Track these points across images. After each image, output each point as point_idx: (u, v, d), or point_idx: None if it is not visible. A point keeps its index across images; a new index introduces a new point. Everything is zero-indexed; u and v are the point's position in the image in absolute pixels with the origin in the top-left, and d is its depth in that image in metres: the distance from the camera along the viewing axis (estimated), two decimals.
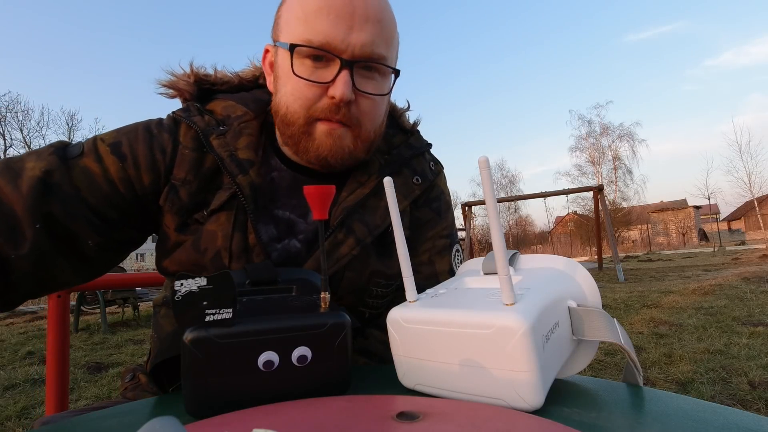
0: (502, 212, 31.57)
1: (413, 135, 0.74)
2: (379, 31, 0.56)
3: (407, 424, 0.29)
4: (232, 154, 0.60)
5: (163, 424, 0.18)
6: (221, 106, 0.65)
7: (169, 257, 0.62)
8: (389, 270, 0.65)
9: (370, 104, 0.59)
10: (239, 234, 0.58)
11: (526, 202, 32.58)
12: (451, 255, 0.72)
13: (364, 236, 0.62)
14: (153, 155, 0.59)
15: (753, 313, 3.80)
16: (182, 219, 0.60)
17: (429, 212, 0.71)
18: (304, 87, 0.56)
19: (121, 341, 4.39)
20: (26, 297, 0.55)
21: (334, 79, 0.55)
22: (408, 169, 0.69)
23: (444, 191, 0.76)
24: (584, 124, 31.99)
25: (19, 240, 0.51)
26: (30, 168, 0.53)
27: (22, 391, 2.79)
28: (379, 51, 0.57)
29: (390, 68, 0.60)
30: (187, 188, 0.59)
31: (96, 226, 0.56)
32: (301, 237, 0.62)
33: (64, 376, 1.09)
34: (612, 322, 0.39)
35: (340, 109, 0.56)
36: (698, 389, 2.15)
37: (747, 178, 27.58)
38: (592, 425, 0.31)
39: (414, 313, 0.39)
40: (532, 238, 38.19)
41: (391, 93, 0.63)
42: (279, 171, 0.64)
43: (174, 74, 0.67)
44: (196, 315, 0.35)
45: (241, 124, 0.63)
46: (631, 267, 11.25)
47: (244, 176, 0.59)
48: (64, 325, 1.11)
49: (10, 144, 20.09)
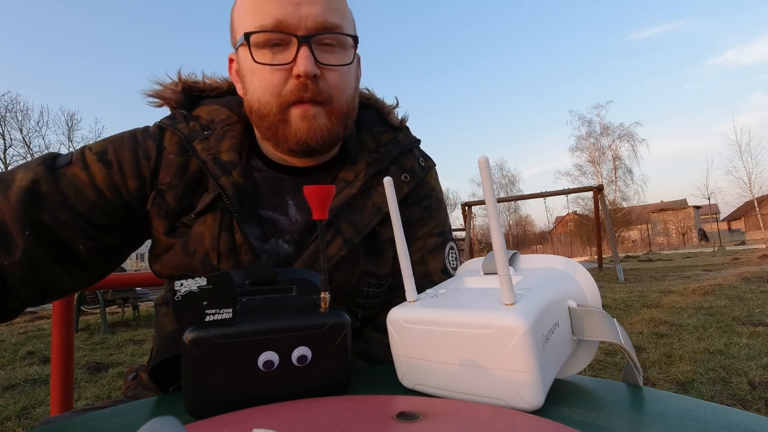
0: (502, 212, 31.58)
1: (401, 132, 0.73)
2: (327, 1, 0.57)
3: (407, 424, 0.29)
4: (215, 157, 0.60)
5: (163, 424, 0.18)
6: (206, 111, 0.67)
7: (159, 261, 0.63)
8: (380, 270, 0.65)
9: (337, 76, 0.58)
10: (226, 234, 0.59)
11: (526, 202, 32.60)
12: (444, 253, 0.71)
13: (351, 236, 0.62)
14: (138, 161, 0.61)
15: (753, 313, 3.80)
16: (170, 223, 0.61)
17: (419, 210, 0.71)
18: (269, 74, 0.56)
19: (121, 341, 4.39)
20: (26, 304, 0.57)
21: (295, 57, 0.55)
22: (396, 167, 0.69)
23: (435, 188, 0.74)
24: (584, 124, 32.07)
25: (11, 247, 0.52)
26: (19, 179, 0.55)
27: (22, 391, 2.79)
28: (332, 20, 0.57)
29: (348, 35, 0.59)
30: (173, 192, 0.60)
31: (86, 231, 0.57)
32: (287, 238, 0.63)
33: (68, 376, 1.09)
34: (612, 322, 0.39)
35: (308, 87, 0.56)
36: (698, 389, 2.15)
37: (747, 178, 27.59)
38: (592, 425, 0.31)
39: (414, 313, 0.39)
40: (532, 238, 38.19)
41: (355, 62, 0.62)
42: (260, 171, 0.65)
43: (161, 83, 0.68)
44: (196, 315, 0.35)
45: (224, 128, 0.64)
46: (631, 267, 11.25)
47: (227, 177, 0.59)
48: (69, 325, 1.12)
49: (9, 144, 20.08)
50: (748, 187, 27.63)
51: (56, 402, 1.07)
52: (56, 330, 1.09)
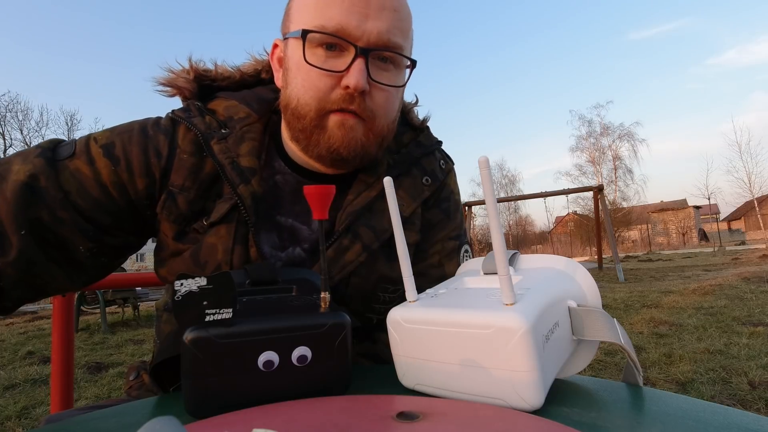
0: (502, 212, 31.56)
1: (423, 132, 0.71)
2: (395, 19, 0.54)
3: (407, 424, 0.29)
4: (234, 161, 0.57)
5: (163, 424, 0.18)
6: (223, 106, 0.62)
7: (167, 266, 0.60)
8: (396, 275, 0.62)
9: (384, 96, 0.56)
10: (240, 247, 0.56)
11: (526, 202, 32.60)
12: (460, 257, 0.70)
13: (371, 242, 0.59)
14: (147, 159, 0.57)
15: (753, 313, 3.80)
16: (180, 227, 0.58)
17: (439, 213, 0.69)
18: (316, 77, 0.54)
19: (121, 341, 4.39)
20: (20, 302, 0.54)
21: (349, 67, 0.52)
22: (417, 169, 0.66)
23: (454, 191, 0.72)
24: (585, 124, 32.13)
25: (4, 247, 0.49)
26: (15, 171, 0.51)
27: (22, 391, 2.79)
28: (395, 40, 0.54)
29: (407, 58, 0.57)
30: (185, 195, 0.57)
31: (87, 231, 0.54)
32: (306, 246, 0.60)
33: (68, 374, 1.09)
34: (612, 322, 0.39)
35: (354, 99, 0.53)
36: (698, 389, 2.15)
37: (747, 178, 27.65)
38: (592, 425, 0.31)
39: (414, 313, 0.39)
40: (532, 238, 38.19)
41: (405, 86, 0.60)
42: (283, 174, 0.62)
43: (172, 71, 0.64)
44: (196, 315, 0.35)
45: (243, 128, 0.60)
46: (631, 267, 11.25)
47: (245, 186, 0.56)
48: (69, 324, 1.12)
49: (10, 144, 20.17)
50: (748, 187, 27.70)
51: (56, 401, 1.07)
52: (56, 329, 1.10)
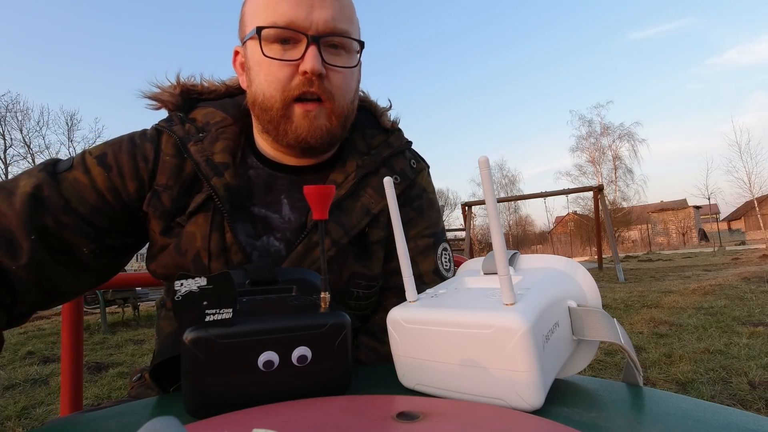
0: (502, 212, 31.57)
1: (393, 134, 0.74)
2: (338, 8, 0.60)
3: (407, 424, 0.29)
4: (208, 158, 0.62)
5: (163, 424, 0.18)
6: (202, 113, 0.69)
7: (155, 260, 0.64)
8: (369, 271, 0.66)
9: (340, 78, 0.61)
10: (217, 234, 0.60)
11: (526, 202, 32.60)
12: (436, 254, 0.71)
13: (339, 237, 0.63)
14: (136, 163, 0.63)
15: (753, 313, 3.80)
16: (166, 223, 0.63)
17: (410, 211, 0.71)
18: (276, 69, 0.59)
19: (121, 341, 4.40)
20: (34, 308, 0.59)
21: (303, 55, 0.58)
22: (386, 169, 0.70)
23: (426, 189, 0.75)
24: (585, 124, 32.08)
25: (17, 252, 0.54)
26: (22, 185, 0.57)
27: (22, 391, 2.79)
28: (341, 26, 0.60)
29: (355, 40, 0.62)
30: (168, 193, 0.62)
31: (88, 234, 0.59)
32: (279, 236, 0.64)
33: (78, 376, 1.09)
34: (612, 322, 0.39)
35: (313, 83, 0.58)
36: (698, 389, 2.15)
37: (747, 178, 27.61)
38: (592, 425, 0.31)
39: (414, 313, 0.39)
40: (532, 238, 38.18)
41: (358, 66, 0.65)
42: (255, 169, 0.67)
43: (160, 86, 0.70)
44: (196, 315, 0.35)
45: (218, 129, 0.66)
46: (631, 267, 11.25)
47: (218, 178, 0.61)
48: (78, 325, 1.11)
49: (10, 144, 20.08)
50: (748, 187, 27.67)
51: (66, 401, 1.07)
52: (65, 330, 1.10)
